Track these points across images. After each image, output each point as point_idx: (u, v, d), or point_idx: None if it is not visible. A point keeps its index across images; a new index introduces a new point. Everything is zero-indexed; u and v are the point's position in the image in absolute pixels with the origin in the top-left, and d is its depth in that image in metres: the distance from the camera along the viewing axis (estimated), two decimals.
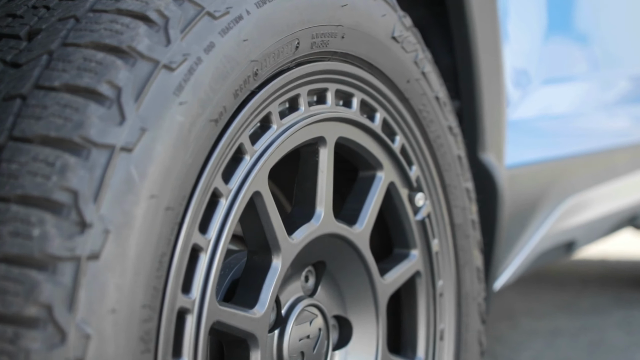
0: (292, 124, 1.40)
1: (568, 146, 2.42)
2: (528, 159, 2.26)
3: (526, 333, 3.67)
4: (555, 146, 2.37)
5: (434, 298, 1.76)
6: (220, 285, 1.49)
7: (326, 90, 1.49)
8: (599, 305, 4.11)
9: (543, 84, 2.30)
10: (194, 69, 1.20)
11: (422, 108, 1.68)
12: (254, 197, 1.34)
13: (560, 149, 2.39)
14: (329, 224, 1.50)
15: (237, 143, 1.30)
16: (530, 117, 2.27)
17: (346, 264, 1.59)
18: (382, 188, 1.62)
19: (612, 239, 5.33)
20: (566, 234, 2.51)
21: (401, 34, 1.61)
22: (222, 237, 1.26)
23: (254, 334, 1.35)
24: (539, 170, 2.29)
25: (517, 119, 2.20)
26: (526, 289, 4.47)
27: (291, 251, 1.42)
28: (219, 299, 1.45)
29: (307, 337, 1.52)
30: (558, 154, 2.37)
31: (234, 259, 1.52)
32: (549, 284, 4.57)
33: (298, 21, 1.37)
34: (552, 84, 2.34)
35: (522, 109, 2.22)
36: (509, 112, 2.15)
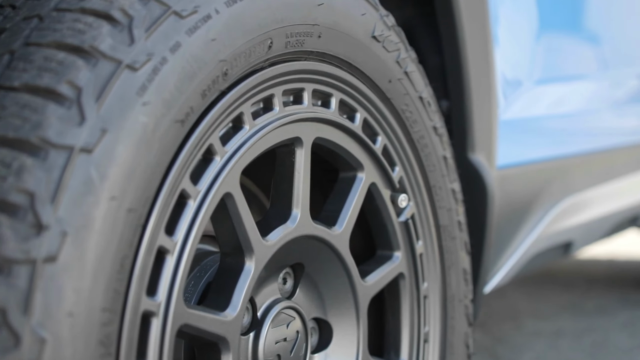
0: (266, 124, 1.39)
1: (563, 146, 2.40)
2: (521, 159, 2.23)
3: (529, 334, 3.64)
4: (550, 146, 2.34)
5: (418, 300, 1.73)
6: (196, 287, 1.48)
7: (302, 91, 1.47)
8: (604, 306, 4.08)
9: (537, 83, 2.28)
10: (159, 69, 1.18)
11: (405, 108, 1.66)
12: (225, 199, 1.33)
13: (555, 149, 2.36)
14: (305, 225, 1.48)
15: (207, 144, 1.29)
16: (524, 117, 2.24)
17: (325, 266, 1.57)
18: (362, 189, 1.60)
19: (619, 239, 5.29)
20: (563, 235, 2.49)
21: (382, 33, 1.59)
22: (190, 239, 1.25)
23: (224, 337, 1.33)
24: (533, 171, 2.26)
25: (509, 119, 2.17)
26: (532, 289, 4.44)
27: (265, 253, 1.40)
28: (194, 302, 1.44)
29: (284, 340, 1.50)
30: (553, 154, 2.34)
31: (210, 260, 1.51)
32: (555, 284, 4.54)
33: (271, 20, 1.36)
34: (546, 83, 2.31)
35: (515, 109, 2.20)
36: (501, 112, 2.12)
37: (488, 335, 3.63)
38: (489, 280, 2.22)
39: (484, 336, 3.61)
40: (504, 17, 2.11)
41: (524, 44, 2.21)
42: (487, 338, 3.58)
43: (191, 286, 1.48)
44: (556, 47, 2.33)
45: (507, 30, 2.13)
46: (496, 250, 2.18)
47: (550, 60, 2.31)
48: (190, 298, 1.47)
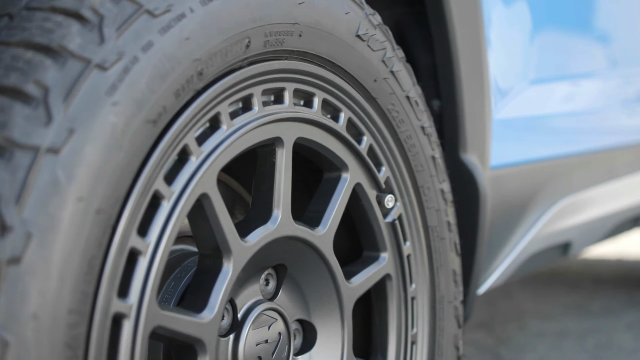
0: (244, 124, 1.37)
1: (560, 146, 2.37)
2: (516, 159, 2.21)
3: (533, 334, 3.62)
4: (547, 146, 2.32)
5: (406, 301, 1.72)
6: (176, 288, 1.47)
7: (283, 90, 1.45)
8: (610, 307, 4.05)
9: (532, 83, 2.26)
10: (130, 68, 1.17)
11: (391, 108, 1.65)
12: (201, 199, 1.31)
13: (551, 149, 2.33)
14: (287, 226, 1.47)
15: (181, 144, 1.27)
16: (519, 116, 2.22)
17: (309, 267, 1.56)
18: (347, 189, 1.58)
19: (628, 239, 5.25)
20: (560, 236, 2.46)
21: (367, 32, 1.57)
22: (163, 240, 1.23)
23: (201, 339, 1.32)
24: (529, 171, 2.24)
25: (504, 118, 2.15)
26: (538, 289, 4.41)
27: (244, 254, 1.39)
28: (174, 303, 1.43)
29: (265, 342, 1.49)
30: (549, 154, 2.32)
31: (192, 262, 1.50)
32: (562, 285, 4.51)
33: (249, 19, 1.34)
34: (542, 83, 2.29)
35: (510, 108, 2.18)
36: (495, 111, 2.10)
37: (491, 335, 3.61)
38: (483, 281, 2.20)
39: (487, 336, 3.59)
40: (498, 16, 2.09)
41: (518, 42, 2.19)
42: (490, 338, 3.56)
43: (171, 287, 1.47)
44: (552, 45, 2.30)
45: (501, 28, 2.11)
46: (490, 250, 2.16)
47: (546, 59, 2.29)
48: (170, 299, 1.46)
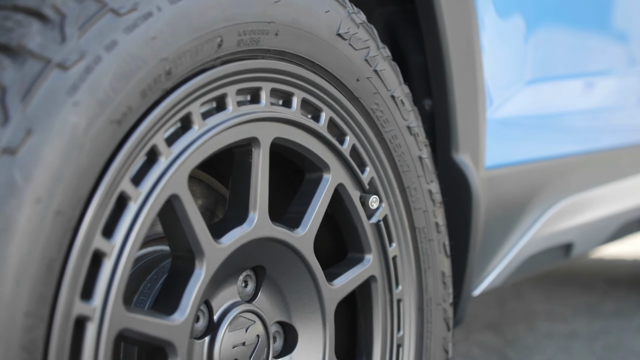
0: (217, 124, 1.36)
1: (560, 146, 2.34)
2: (514, 159, 2.18)
3: (542, 336, 3.58)
4: (546, 146, 2.29)
5: (391, 304, 1.69)
6: (151, 290, 1.45)
7: (260, 90, 1.43)
8: (622, 309, 4.00)
9: (531, 82, 2.22)
10: (92, 68, 1.15)
11: (375, 107, 1.62)
12: (172, 200, 1.30)
13: (551, 149, 2.30)
14: (264, 227, 1.45)
15: (150, 144, 1.26)
16: (517, 116, 2.19)
17: (288, 269, 1.54)
18: (328, 190, 1.56)
19: None
20: (561, 236, 2.43)
21: (348, 30, 1.55)
22: (129, 242, 1.22)
23: (171, 341, 1.30)
24: (526, 171, 2.21)
25: (500, 118, 2.12)
26: (550, 290, 4.37)
27: (218, 256, 1.37)
28: (149, 305, 1.41)
29: (243, 344, 1.47)
30: (549, 154, 2.29)
31: (168, 263, 1.48)
32: (575, 285, 4.47)
33: (220, 18, 1.32)
34: (540, 82, 2.26)
35: (506, 108, 2.15)
36: (491, 111, 2.08)
37: (499, 336, 3.58)
38: (479, 283, 2.17)
39: (495, 337, 3.56)
40: (492, 13, 2.06)
41: (515, 40, 2.16)
42: (498, 339, 3.53)
43: (147, 289, 1.46)
44: (551, 43, 2.27)
45: (497, 26, 2.08)
46: (486, 251, 2.13)
47: (545, 57, 2.25)
48: (146, 301, 1.44)
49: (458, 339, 3.56)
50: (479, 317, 3.87)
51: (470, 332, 3.64)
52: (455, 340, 3.53)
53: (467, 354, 3.36)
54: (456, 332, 3.64)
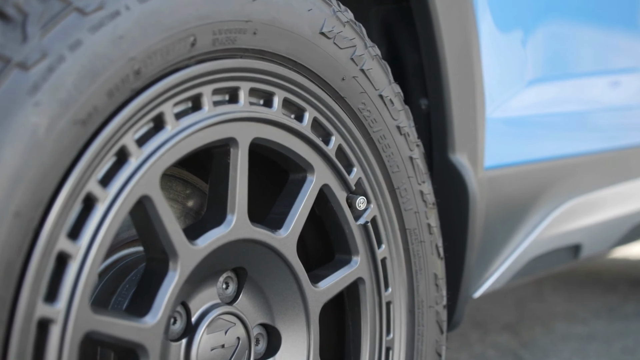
0: (192, 124, 1.34)
1: (567, 146, 2.30)
2: (517, 159, 2.14)
3: (559, 338, 3.53)
4: (551, 146, 2.25)
5: (380, 306, 1.67)
6: (129, 291, 1.44)
7: (238, 89, 1.41)
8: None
9: (535, 80, 2.19)
10: (55, 67, 1.14)
11: (362, 107, 1.60)
12: (144, 202, 1.28)
13: (556, 149, 2.26)
14: (242, 229, 1.43)
15: (118, 145, 1.24)
16: (519, 115, 2.15)
17: (270, 270, 1.52)
18: (312, 191, 1.54)
19: None
20: (568, 238, 2.39)
21: (332, 29, 1.53)
22: (96, 243, 1.20)
23: (142, 344, 1.29)
24: (531, 171, 2.17)
25: (502, 117, 2.09)
26: (571, 291, 4.32)
27: (192, 258, 1.35)
28: (126, 306, 1.40)
29: (222, 347, 1.45)
30: (554, 154, 2.25)
31: None
32: (596, 286, 4.41)
33: (193, 17, 1.31)
34: (545, 81, 2.22)
35: (509, 107, 2.11)
36: (492, 110, 2.04)
37: (516, 338, 3.53)
38: (481, 284, 2.14)
39: (511, 339, 3.52)
40: (493, 10, 2.02)
41: (518, 38, 2.13)
42: (514, 341, 3.49)
43: (125, 290, 1.45)
44: (555, 42, 2.23)
45: (498, 23, 2.04)
46: (487, 253, 2.10)
47: (551, 54, 2.22)
48: (123, 302, 1.43)
49: (474, 340, 3.53)
50: (497, 318, 3.83)
51: (486, 334, 3.60)
52: (471, 342, 3.50)
53: (482, 355, 3.33)
54: (472, 333, 3.61)
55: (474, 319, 3.81)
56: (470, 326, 3.71)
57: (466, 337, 3.56)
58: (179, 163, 1.55)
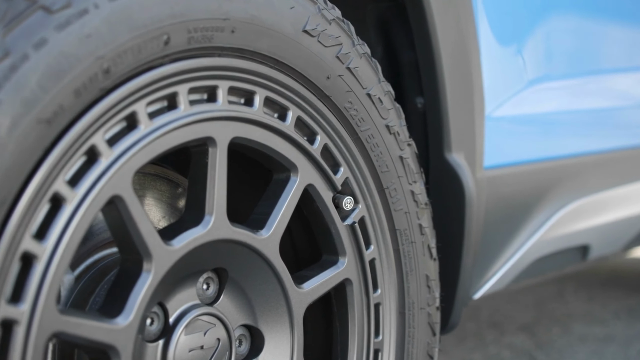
0: (166, 123, 1.32)
1: (573, 145, 2.26)
2: (520, 158, 2.11)
3: (576, 339, 3.49)
4: (556, 145, 2.21)
5: (368, 307, 1.65)
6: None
7: (216, 88, 1.40)
8: None
9: (539, 79, 2.15)
10: (18, 66, 1.13)
11: (349, 106, 1.58)
12: (116, 202, 1.27)
13: (562, 148, 2.23)
14: (221, 229, 1.41)
15: (87, 144, 1.23)
16: (523, 114, 2.12)
17: (252, 271, 1.51)
18: (296, 191, 1.52)
19: None
20: (574, 238, 2.35)
21: (316, 27, 1.51)
22: (63, 244, 1.19)
23: (114, 345, 1.28)
24: (534, 171, 2.14)
25: (504, 116, 2.06)
26: (593, 291, 4.26)
27: (167, 258, 1.34)
28: (99, 307, 1.39)
29: (201, 348, 1.44)
30: (560, 154, 2.21)
31: None
32: (619, 287, 4.35)
33: (167, 15, 1.29)
34: (550, 79, 2.19)
35: (511, 105, 2.08)
36: (494, 109, 2.01)
37: (532, 339, 3.50)
38: (481, 286, 2.11)
39: (527, 340, 3.48)
40: (494, 7, 1.99)
41: (522, 34, 2.09)
42: (530, 342, 3.45)
43: (103, 290, 1.44)
44: (561, 37, 2.20)
45: (500, 18, 2.01)
46: (488, 253, 2.07)
47: (556, 51, 2.18)
48: (100, 302, 1.42)
49: (489, 340, 3.49)
50: (515, 318, 3.79)
51: (503, 334, 3.56)
52: (487, 342, 3.46)
53: (497, 356, 3.30)
54: (488, 333, 3.58)
55: (492, 319, 3.77)
56: (487, 326, 3.68)
57: (482, 337, 3.53)
58: (163, 162, 1.55)
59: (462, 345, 3.44)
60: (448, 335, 3.55)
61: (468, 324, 3.70)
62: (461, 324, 3.69)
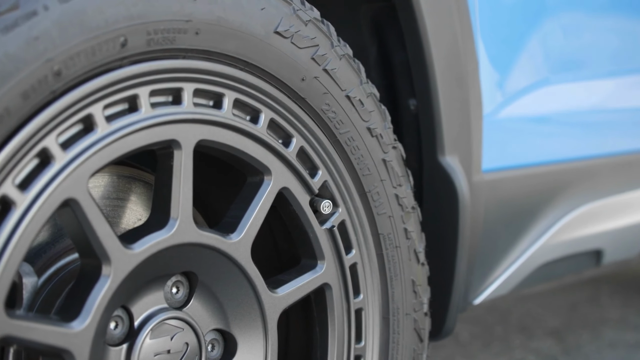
0: (125, 126, 1.31)
1: (583, 147, 2.21)
2: (523, 161, 2.07)
3: (605, 345, 3.42)
4: (562, 148, 2.16)
5: (349, 313, 1.62)
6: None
7: (181, 90, 1.38)
8: None
9: (549, 79, 2.11)
10: None
11: (326, 108, 1.56)
12: (71, 205, 1.26)
13: (570, 150, 2.18)
14: (186, 233, 1.40)
15: (38, 147, 1.22)
16: (529, 116, 2.08)
17: (223, 276, 1.49)
18: (269, 195, 1.50)
19: None
20: (585, 243, 2.29)
21: (289, 28, 1.48)
22: (9, 248, 1.19)
23: (68, 349, 1.27)
24: (539, 174, 2.09)
25: (507, 117, 2.02)
26: (629, 296, 4.17)
27: (127, 262, 1.33)
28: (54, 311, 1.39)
29: (168, 352, 1.43)
30: (567, 156, 2.16)
31: None
32: None
33: (123, 17, 1.28)
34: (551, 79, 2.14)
35: (515, 107, 2.04)
36: (495, 111, 1.97)
37: (560, 344, 3.43)
38: (481, 291, 2.07)
39: (555, 345, 3.42)
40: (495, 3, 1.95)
41: (524, 34, 2.05)
42: (557, 347, 3.39)
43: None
44: (567, 36, 2.14)
45: (501, 18, 1.97)
46: (488, 258, 2.03)
47: (562, 50, 2.13)
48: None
49: (516, 344, 3.44)
50: (545, 322, 3.73)
51: (530, 338, 3.51)
52: (513, 346, 3.41)
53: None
54: (515, 337, 3.52)
55: (521, 323, 3.71)
56: (515, 330, 3.62)
57: (509, 341, 3.47)
58: (139, 164, 1.54)
59: (488, 350, 3.39)
60: (473, 339, 3.51)
61: (496, 328, 3.64)
62: (489, 327, 3.64)
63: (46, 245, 1.45)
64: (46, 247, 1.45)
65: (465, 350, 3.40)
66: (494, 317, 3.80)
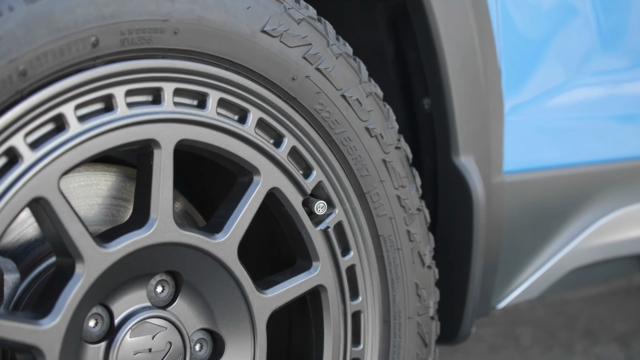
0: (98, 125, 1.32)
1: (619, 148, 2.14)
2: (549, 163, 2.01)
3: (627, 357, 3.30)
4: (597, 148, 2.09)
5: (345, 315, 1.60)
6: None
7: (160, 90, 1.38)
8: None
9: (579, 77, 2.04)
10: None
11: (319, 108, 1.54)
12: (42, 204, 1.28)
13: (605, 151, 2.11)
14: (166, 232, 1.40)
15: (5, 146, 1.24)
16: (557, 116, 2.02)
17: (209, 275, 1.48)
18: (257, 195, 1.49)
19: None
20: (624, 247, 2.22)
21: (278, 27, 1.47)
22: None
23: (38, 347, 1.28)
24: (567, 176, 2.03)
25: (534, 118, 1.96)
26: None
27: (102, 260, 1.34)
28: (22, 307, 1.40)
29: (149, 351, 1.43)
30: (601, 158, 2.10)
31: None
32: None
33: (93, 17, 1.28)
34: (596, 78, 2.07)
35: (545, 106, 1.98)
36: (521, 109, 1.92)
37: (624, 350, 3.34)
38: (506, 295, 2.02)
39: (619, 351, 3.33)
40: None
41: (551, 32, 1.99)
42: (620, 354, 3.31)
43: None
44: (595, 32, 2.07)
45: (525, 15, 1.92)
46: (512, 262, 1.98)
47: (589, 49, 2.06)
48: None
49: (578, 349, 3.36)
50: (612, 327, 3.62)
51: (594, 344, 3.41)
52: (575, 351, 3.33)
53: None
54: (578, 342, 3.43)
55: (587, 328, 3.62)
56: (579, 335, 3.53)
57: (571, 346, 3.39)
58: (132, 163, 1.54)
59: (548, 354, 3.32)
60: (535, 343, 3.43)
61: (560, 332, 3.56)
62: (552, 332, 3.56)
63: (34, 244, 1.47)
64: (34, 245, 1.47)
65: (524, 354, 3.33)
66: (560, 321, 3.71)
